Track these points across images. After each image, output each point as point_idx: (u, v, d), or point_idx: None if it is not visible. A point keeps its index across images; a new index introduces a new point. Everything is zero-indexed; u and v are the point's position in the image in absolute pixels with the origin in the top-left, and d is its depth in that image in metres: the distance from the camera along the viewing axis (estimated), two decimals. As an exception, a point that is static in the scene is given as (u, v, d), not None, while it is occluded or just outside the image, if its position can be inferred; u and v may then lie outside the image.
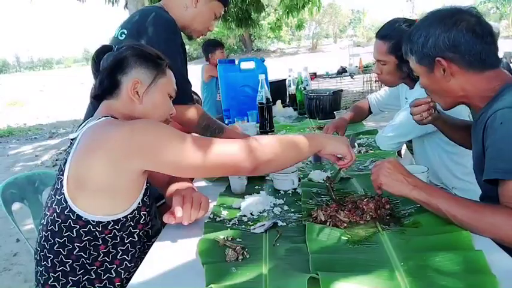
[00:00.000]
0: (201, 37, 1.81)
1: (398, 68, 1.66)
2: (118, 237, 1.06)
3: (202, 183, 1.54)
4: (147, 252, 1.07)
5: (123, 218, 1.05)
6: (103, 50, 1.19)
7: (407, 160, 2.13)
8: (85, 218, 1.01)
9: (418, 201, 1.04)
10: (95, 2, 8.00)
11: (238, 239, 1.03)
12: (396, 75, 1.70)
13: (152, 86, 1.14)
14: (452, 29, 1.06)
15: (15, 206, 1.55)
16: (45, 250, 1.06)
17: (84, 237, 1.02)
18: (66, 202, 1.01)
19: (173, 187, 1.26)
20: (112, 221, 1.03)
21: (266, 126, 2.21)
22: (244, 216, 1.19)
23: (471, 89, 1.10)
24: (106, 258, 1.06)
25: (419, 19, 1.18)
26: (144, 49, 1.18)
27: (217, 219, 1.18)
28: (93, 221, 1.01)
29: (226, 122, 2.78)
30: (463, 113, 1.61)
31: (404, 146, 2.25)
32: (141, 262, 1.03)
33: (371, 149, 1.79)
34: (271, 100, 2.20)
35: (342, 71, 7.84)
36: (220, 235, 1.04)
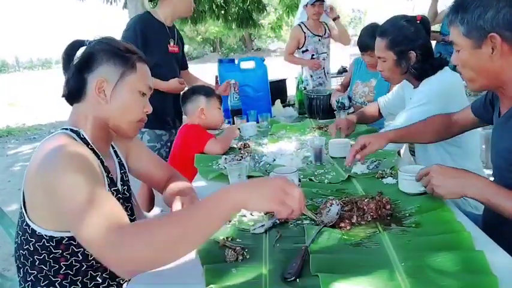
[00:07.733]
0: None
1: (397, 63, 1.66)
2: (79, 254, 0.99)
3: (202, 183, 1.54)
4: None
5: None
6: (74, 46, 1.08)
7: (407, 161, 2.12)
8: (38, 232, 0.96)
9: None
10: (93, 1, 8.02)
11: (238, 240, 1.03)
12: (396, 71, 1.70)
13: (119, 84, 1.04)
14: None
15: (13, 206, 1.54)
16: (17, 260, 1.04)
17: (41, 251, 0.98)
18: (24, 216, 0.98)
19: (174, 187, 1.25)
20: (67, 237, 0.97)
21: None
22: (244, 216, 1.18)
23: None
24: (69, 271, 1.00)
25: None
26: (112, 42, 1.07)
27: (217, 219, 1.17)
28: (46, 236, 0.96)
29: (226, 122, 2.78)
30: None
31: (405, 146, 2.25)
32: (109, 272, 1.01)
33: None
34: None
35: (343, 71, 7.82)
36: (220, 235, 1.03)
